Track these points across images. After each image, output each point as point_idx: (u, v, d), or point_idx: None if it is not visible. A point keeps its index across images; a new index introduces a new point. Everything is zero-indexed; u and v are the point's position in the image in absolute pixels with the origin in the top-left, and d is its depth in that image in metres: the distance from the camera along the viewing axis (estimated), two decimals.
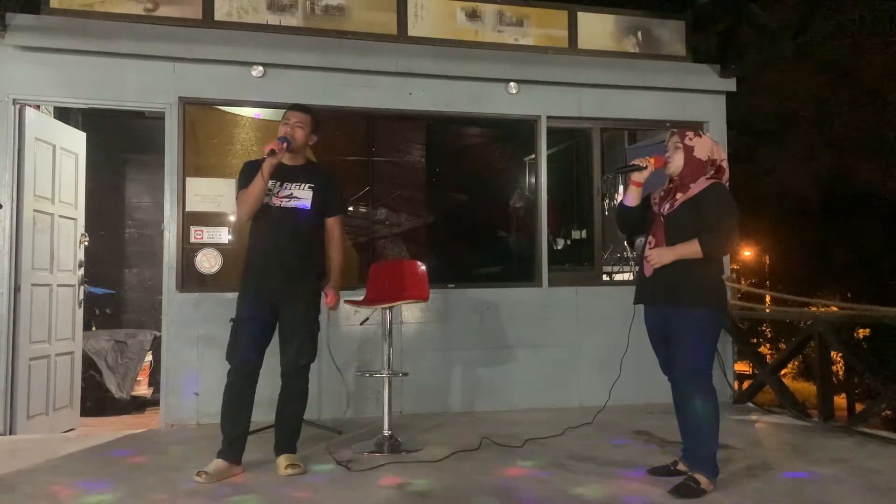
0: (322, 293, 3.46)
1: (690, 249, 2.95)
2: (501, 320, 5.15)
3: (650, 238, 3.15)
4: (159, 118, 4.78)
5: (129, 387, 5.64)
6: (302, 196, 3.38)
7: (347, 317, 4.80)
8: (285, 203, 3.35)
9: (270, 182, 3.33)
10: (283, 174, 3.39)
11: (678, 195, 3.08)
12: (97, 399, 5.44)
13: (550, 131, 5.38)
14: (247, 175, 3.38)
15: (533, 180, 5.47)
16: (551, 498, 2.96)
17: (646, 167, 3.18)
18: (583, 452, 3.73)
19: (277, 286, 3.29)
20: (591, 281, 5.43)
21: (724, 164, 3.14)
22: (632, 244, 5.57)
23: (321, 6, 5.02)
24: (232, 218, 4.78)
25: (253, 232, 3.43)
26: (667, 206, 3.10)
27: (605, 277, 5.55)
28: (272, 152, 3.21)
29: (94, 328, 6.03)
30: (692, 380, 3.01)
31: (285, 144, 3.28)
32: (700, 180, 3.06)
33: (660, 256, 3.04)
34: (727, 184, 3.13)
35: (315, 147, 3.59)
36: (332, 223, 3.48)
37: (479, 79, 5.20)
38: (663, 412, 4.35)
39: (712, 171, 3.09)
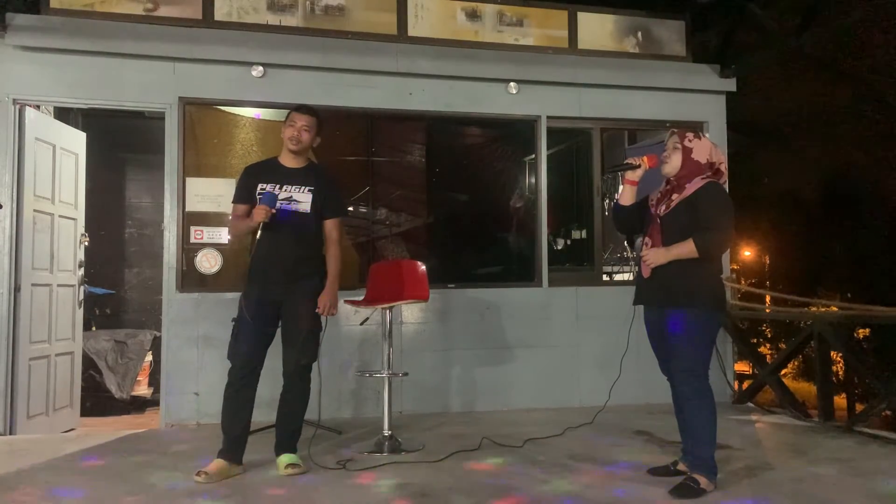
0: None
1: (685, 249, 2.95)
2: (501, 320, 5.15)
3: (646, 239, 3.16)
4: (159, 118, 4.79)
5: (129, 387, 5.64)
6: (302, 199, 3.37)
7: (347, 317, 4.80)
8: (285, 206, 3.33)
9: (270, 185, 3.34)
10: (284, 176, 3.39)
11: (674, 196, 3.08)
12: (97, 399, 5.44)
13: (550, 131, 5.39)
14: (243, 186, 3.41)
15: (533, 180, 5.47)
16: (551, 498, 2.96)
17: (639, 166, 3.26)
18: (583, 452, 3.73)
19: (280, 287, 3.30)
20: (591, 281, 5.43)
21: (723, 168, 3.14)
22: (632, 244, 5.57)
23: (321, 6, 5.02)
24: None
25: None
26: (663, 207, 3.11)
27: (605, 277, 5.56)
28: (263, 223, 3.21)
29: (94, 328, 6.04)
30: (686, 380, 3.01)
31: (274, 211, 3.24)
32: (696, 180, 3.06)
33: (655, 257, 3.04)
34: (725, 185, 3.13)
35: (315, 147, 3.58)
36: (330, 226, 3.44)
37: (479, 79, 5.21)
38: (663, 412, 4.35)
39: (709, 174, 3.09)
